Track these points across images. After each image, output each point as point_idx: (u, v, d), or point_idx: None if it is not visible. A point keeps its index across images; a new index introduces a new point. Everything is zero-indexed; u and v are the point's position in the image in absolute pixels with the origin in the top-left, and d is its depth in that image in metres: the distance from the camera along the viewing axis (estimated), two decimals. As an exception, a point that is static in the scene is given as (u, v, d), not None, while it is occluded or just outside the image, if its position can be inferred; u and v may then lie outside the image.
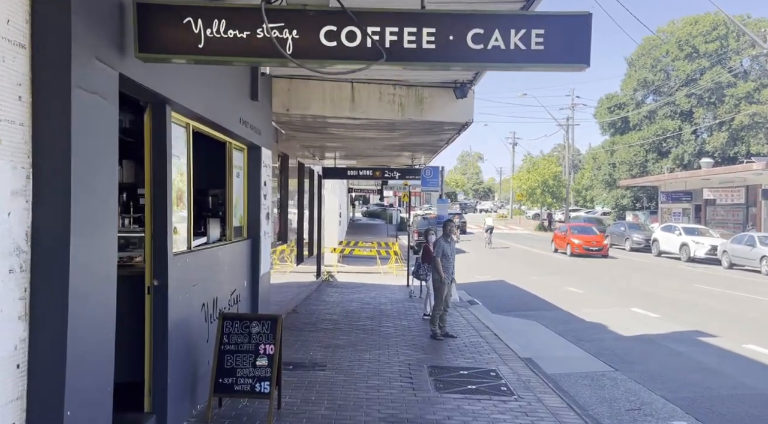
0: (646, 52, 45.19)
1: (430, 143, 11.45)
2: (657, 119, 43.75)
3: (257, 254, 7.43)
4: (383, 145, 12.48)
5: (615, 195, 47.25)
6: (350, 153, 14.45)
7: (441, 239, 9.24)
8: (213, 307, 5.69)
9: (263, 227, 7.63)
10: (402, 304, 12.89)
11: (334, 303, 12.70)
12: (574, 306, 13.50)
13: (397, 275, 20.20)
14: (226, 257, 6.36)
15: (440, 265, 9.08)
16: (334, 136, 10.42)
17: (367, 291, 15.08)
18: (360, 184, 46.25)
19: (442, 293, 9.14)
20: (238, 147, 7.03)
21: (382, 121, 8.70)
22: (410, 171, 15.10)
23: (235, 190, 6.84)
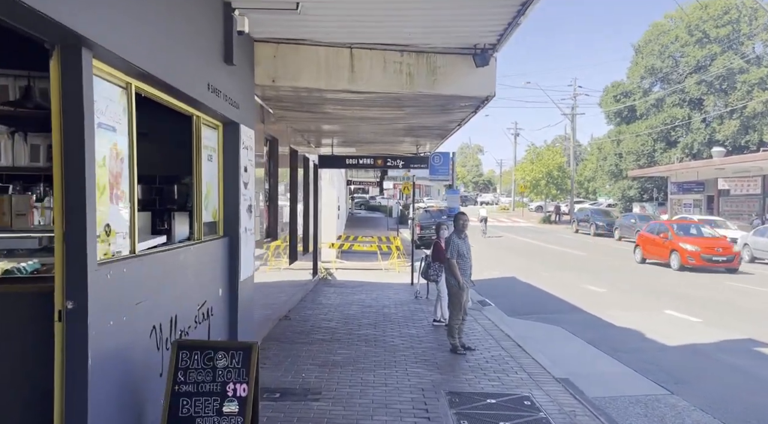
0: (653, 38, 43.73)
1: (439, 125, 10.07)
2: (665, 108, 42.36)
3: (236, 255, 6.07)
4: (386, 129, 11.10)
5: (621, 186, 45.93)
6: (349, 139, 13.07)
7: (453, 236, 7.87)
8: (171, 328, 4.34)
9: (244, 222, 6.26)
10: (407, 306, 11.55)
11: (332, 306, 11.35)
12: (598, 307, 12.16)
13: (400, 272, 18.97)
14: (193, 260, 5.00)
15: (457, 267, 7.71)
16: (330, 117, 9.03)
17: (368, 291, 13.74)
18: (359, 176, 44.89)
19: (460, 300, 7.78)
20: (210, 123, 5.65)
21: (386, 96, 7.32)
22: (415, 159, 13.73)
23: (205, 176, 5.47)
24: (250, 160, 6.55)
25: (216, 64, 5.33)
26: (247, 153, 6.44)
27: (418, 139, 12.63)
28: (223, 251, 5.89)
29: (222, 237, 5.93)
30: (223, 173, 6.00)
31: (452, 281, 7.81)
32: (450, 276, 7.84)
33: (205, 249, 5.36)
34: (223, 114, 5.60)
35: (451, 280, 7.84)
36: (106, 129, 3.48)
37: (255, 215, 7.67)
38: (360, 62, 6.88)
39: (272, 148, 9.43)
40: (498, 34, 6.39)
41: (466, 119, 9.15)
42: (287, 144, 10.50)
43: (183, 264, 4.75)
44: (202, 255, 5.29)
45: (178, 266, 4.66)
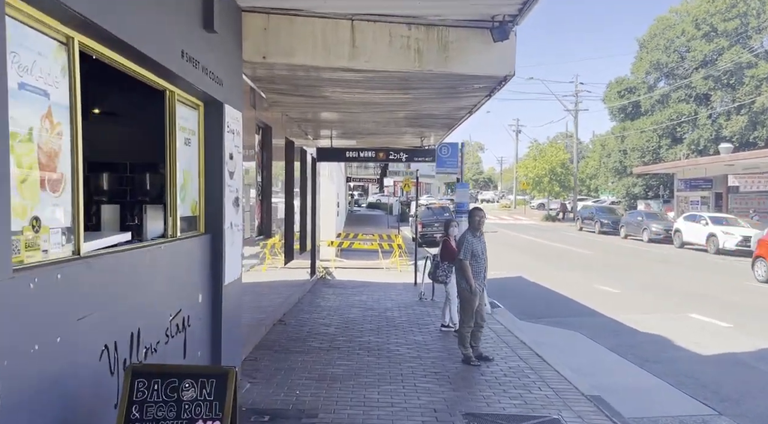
0: (659, 33, 42.85)
1: (447, 113, 9.24)
2: (671, 103, 41.50)
3: (219, 255, 5.25)
4: (388, 118, 10.28)
5: (626, 183, 45.07)
6: (349, 130, 12.24)
7: (468, 234, 7.04)
8: (132, 346, 3.53)
9: (229, 217, 5.45)
10: (412, 309, 10.74)
11: (331, 309, 10.54)
12: (615, 310, 11.36)
13: (402, 271, 18.20)
14: (165, 262, 4.19)
15: (469, 269, 6.89)
16: (328, 102, 8.20)
17: (369, 292, 12.94)
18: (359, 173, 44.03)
19: (472, 306, 6.97)
20: (188, 101, 4.84)
21: (391, 75, 6.50)
22: (419, 152, 12.90)
23: (182, 163, 4.66)
24: (236, 146, 5.73)
25: (192, 28, 4.50)
26: (234, 138, 5.62)
27: (423, 130, 11.81)
28: (204, 250, 5.08)
29: (203, 234, 5.12)
30: (204, 160, 5.18)
31: (463, 284, 7.00)
32: (461, 278, 7.02)
33: (180, 248, 4.55)
34: (203, 91, 4.78)
35: (462, 283, 7.03)
36: (33, 92, 2.66)
37: (245, 209, 6.86)
38: (362, 36, 6.05)
39: (265, 137, 8.62)
40: (519, 2, 5.56)
41: (479, 105, 8.32)
42: (282, 134, 9.68)
43: (151, 267, 3.94)
44: (177, 255, 4.48)
45: (144, 270, 3.85)
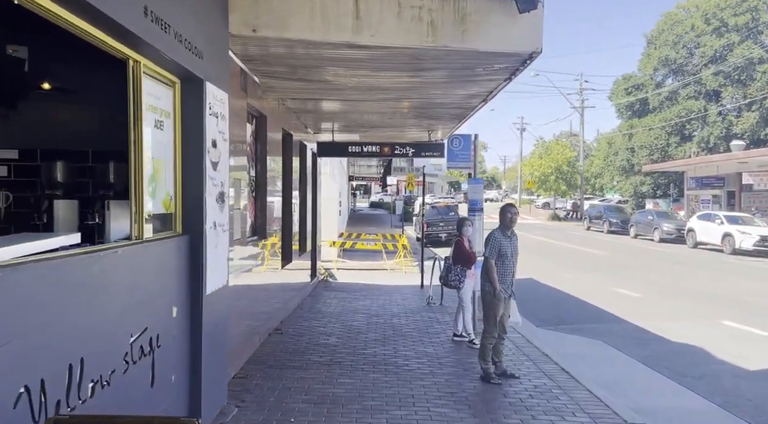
0: (667, 28, 41.96)
1: (460, 101, 8.40)
2: (680, 100, 40.63)
3: (200, 260, 4.44)
4: (394, 109, 9.45)
5: (633, 182, 44.21)
6: (351, 123, 11.42)
7: (497, 233, 6.20)
8: (69, 384, 2.71)
9: (212, 216, 4.63)
10: (420, 316, 9.92)
11: (333, 316, 9.73)
12: (639, 316, 10.53)
13: (406, 272, 17.44)
14: (125, 270, 3.38)
15: (494, 270, 6.06)
16: (329, 87, 7.37)
17: (373, 296, 12.13)
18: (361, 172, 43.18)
19: (495, 313, 6.14)
20: (158, 75, 4.02)
21: (401, 53, 5.67)
22: (427, 146, 12.08)
23: (150, 149, 3.85)
24: (222, 133, 4.92)
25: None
26: (218, 123, 4.81)
27: (431, 123, 10.97)
28: (181, 254, 4.26)
29: (179, 235, 4.31)
30: (181, 148, 4.37)
31: (487, 287, 6.16)
32: (485, 280, 6.19)
33: (148, 253, 3.74)
34: (177, 63, 3.97)
35: (485, 285, 6.19)
36: None
37: (235, 207, 6.05)
38: (367, 6, 5.23)
39: (259, 127, 7.81)
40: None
41: (496, 91, 7.49)
42: (279, 125, 8.87)
43: (103, 277, 3.13)
44: (143, 262, 3.67)
45: (94, 281, 3.04)
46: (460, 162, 8.80)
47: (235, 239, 6.13)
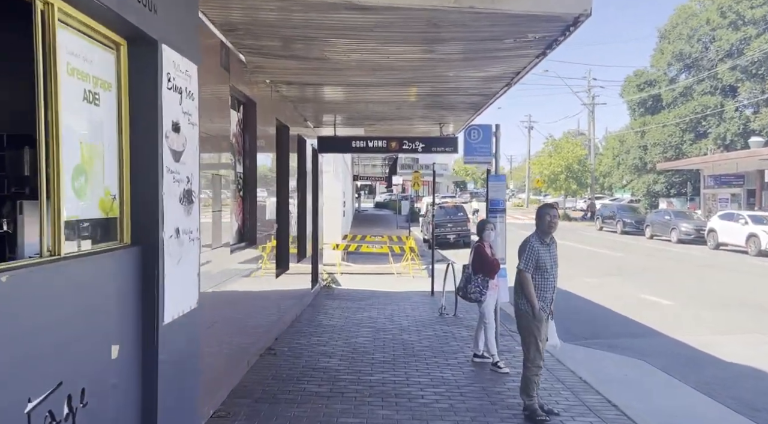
0: (681, 22, 40.67)
1: (480, 86, 7.28)
2: (694, 96, 39.34)
3: (153, 280, 3.35)
4: (402, 98, 8.37)
5: (646, 181, 42.90)
6: (355, 115, 10.32)
7: (533, 240, 5.09)
8: None
9: (173, 220, 3.55)
10: (432, 329, 8.83)
11: (335, 330, 8.64)
12: (678, 329, 9.41)
13: (414, 277, 16.42)
14: (25, 302, 2.30)
15: (532, 285, 4.96)
16: (329, 67, 6.24)
17: (380, 305, 11.05)
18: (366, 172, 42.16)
19: (536, 335, 4.99)
20: (90, 31, 2.95)
21: (416, 17, 4.58)
22: (439, 141, 10.97)
23: (74, 130, 2.77)
24: (188, 114, 3.83)
25: None
26: (182, 101, 3.72)
27: (443, 114, 9.88)
28: (125, 273, 3.18)
29: (124, 248, 3.23)
30: (129, 131, 3.29)
31: (522, 305, 5.05)
32: (520, 296, 5.07)
33: (68, 274, 2.66)
34: (116, 12, 2.89)
35: (520, 302, 5.08)
36: None
37: (216, 208, 4.98)
38: (375, -46, 4.15)
39: (248, 115, 6.73)
40: None
41: (524, 71, 6.37)
42: (272, 115, 7.79)
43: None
44: (60, 287, 2.59)
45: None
46: (478, 156, 7.69)
47: (215, 247, 5.06)
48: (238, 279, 6.04)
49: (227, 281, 5.57)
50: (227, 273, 5.54)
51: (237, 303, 6.09)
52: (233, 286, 5.82)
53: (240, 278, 6.11)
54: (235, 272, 5.91)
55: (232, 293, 5.81)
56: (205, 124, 4.70)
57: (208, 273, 4.84)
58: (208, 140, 4.87)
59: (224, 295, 5.50)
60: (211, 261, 4.97)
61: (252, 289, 6.70)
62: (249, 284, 6.53)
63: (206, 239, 4.81)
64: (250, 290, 6.60)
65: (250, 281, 6.60)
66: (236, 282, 5.95)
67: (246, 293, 6.43)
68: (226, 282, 5.53)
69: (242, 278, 6.22)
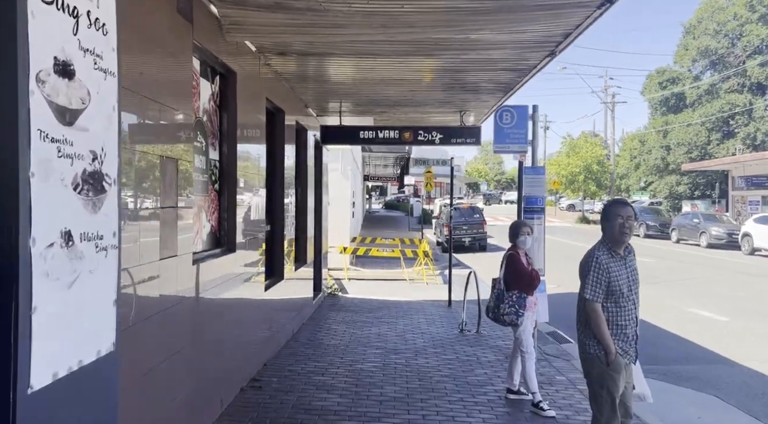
0: (707, 17, 38.96)
1: (514, 55, 5.85)
2: (721, 94, 37.64)
3: (5, 319, 1.98)
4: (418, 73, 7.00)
5: (669, 182, 41.17)
6: (363, 100, 8.94)
7: (600, 253, 3.67)
8: None
9: (55, 220, 2.19)
10: (453, 350, 7.44)
11: (337, 352, 7.27)
12: (744, 352, 7.94)
13: (428, 283, 15.08)
14: None
15: (603, 320, 3.54)
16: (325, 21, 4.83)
17: (391, 317, 9.68)
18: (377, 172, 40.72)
19: (612, 391, 3.50)
20: None
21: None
22: (459, 131, 9.56)
23: None
24: (91, 52, 2.45)
25: None
26: (76, 28, 2.35)
27: (466, 97, 8.47)
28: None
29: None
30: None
31: (592, 347, 3.60)
32: (588, 336, 3.64)
33: None
34: None
35: (589, 344, 3.63)
36: None
37: (168, 204, 3.63)
38: None
39: (227, 89, 5.38)
40: None
41: (577, 32, 4.96)
42: (261, 93, 6.44)
43: None
44: None
45: None
46: (511, 144, 6.29)
47: (165, 257, 3.71)
48: (213, 292, 4.69)
49: (194, 297, 4.22)
50: (188, 290, 4.18)
51: (211, 322, 4.74)
52: (205, 301, 4.47)
53: (216, 291, 4.76)
54: (208, 285, 4.57)
55: (203, 311, 4.47)
56: (145, 84, 3.35)
57: (150, 295, 3.49)
58: (153, 108, 3.52)
59: (192, 314, 4.15)
60: (159, 276, 3.61)
61: (233, 303, 5.35)
62: (230, 298, 5.18)
63: (148, 247, 3.46)
64: (231, 305, 5.25)
65: (233, 293, 5.25)
66: (210, 296, 4.60)
67: (226, 308, 5.08)
68: (192, 298, 4.18)
69: (219, 290, 4.87)
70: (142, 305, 3.38)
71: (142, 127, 3.43)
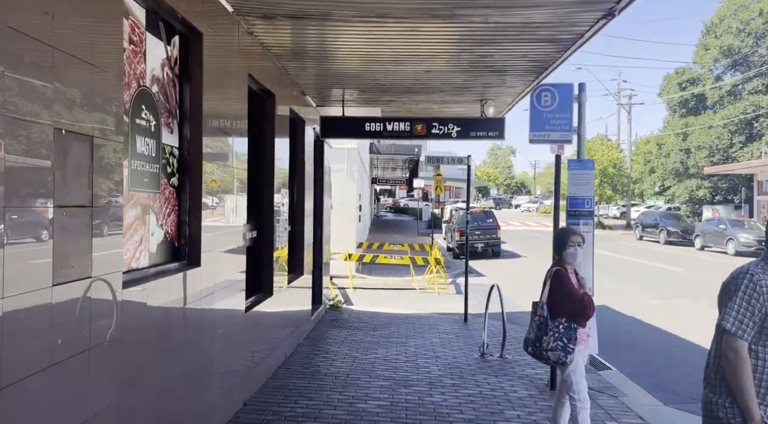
0: (730, 14, 37.48)
1: (561, 18, 4.61)
2: (745, 95, 36.13)
3: None
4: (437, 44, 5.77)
5: (688, 186, 39.64)
6: (371, 86, 7.70)
7: (757, 269, 2.41)
8: None
9: None
10: (475, 383, 6.16)
11: (336, 385, 6.00)
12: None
13: (440, 293, 13.88)
14: None
15: (748, 370, 2.24)
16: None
17: (400, 336, 8.42)
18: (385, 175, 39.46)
19: None
20: None
21: None
22: (480, 123, 8.28)
23: None
24: None
25: None
26: None
27: (491, 82, 7.19)
28: None
29: None
30: None
31: (723, 409, 2.32)
32: (719, 391, 2.35)
33: None
34: None
35: (718, 403, 2.33)
36: None
37: (92, 203, 2.39)
38: None
39: (190, 54, 4.15)
40: None
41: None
42: (242, 67, 5.20)
43: None
44: None
45: None
46: (552, 131, 5.02)
47: (61, 282, 2.47)
48: (162, 321, 3.46)
49: (130, 330, 2.99)
50: (115, 324, 2.95)
51: (159, 363, 3.52)
52: (148, 334, 3.24)
53: (168, 319, 3.53)
54: (154, 313, 3.35)
55: (144, 349, 3.24)
56: (31, 20, 2.12)
57: (29, 342, 2.26)
58: (43, 54, 2.29)
59: (125, 354, 2.93)
60: (52, 309, 2.38)
61: (195, 333, 4.11)
62: (192, 326, 3.95)
63: (27, 267, 2.23)
64: (192, 336, 4.01)
65: (195, 320, 4.02)
66: (157, 327, 3.37)
67: (184, 343, 3.84)
68: (123, 333, 2.95)
69: (173, 318, 3.64)
70: (16, 358, 2.15)
71: (21, 84, 2.21)
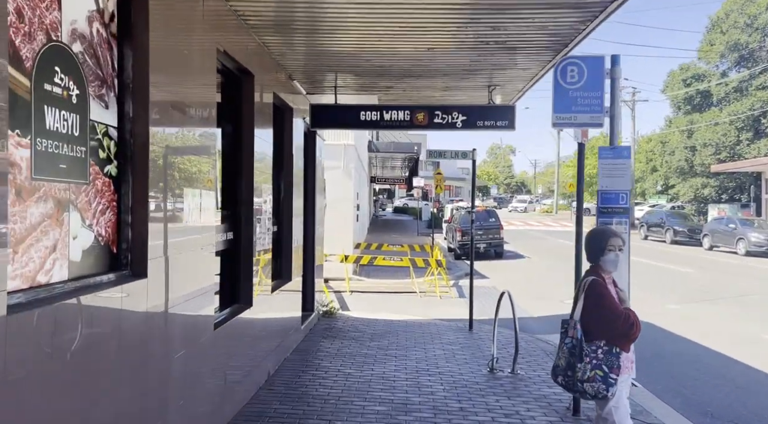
0: (737, 9, 36.61)
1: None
2: (752, 91, 35.27)
3: None
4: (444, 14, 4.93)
5: (693, 185, 38.79)
6: (368, 70, 6.85)
7: None
8: None
9: None
10: (486, 407, 5.31)
11: (324, 411, 5.13)
12: None
13: (442, 297, 13.08)
14: None
15: None
16: None
17: (400, 348, 7.58)
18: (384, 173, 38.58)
19: None
20: None
21: None
22: (487, 112, 7.45)
23: None
24: None
25: None
26: None
27: (502, 62, 6.35)
28: None
29: None
30: None
31: None
32: None
33: None
34: None
35: None
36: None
37: None
38: None
39: (133, 15, 3.30)
40: None
41: None
42: (209, 39, 4.35)
43: None
44: None
45: None
46: (579, 112, 4.18)
47: None
48: (84, 351, 2.62)
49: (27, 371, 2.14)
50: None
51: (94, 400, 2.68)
52: (60, 372, 2.40)
53: (91, 349, 2.70)
54: (66, 344, 2.51)
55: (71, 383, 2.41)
56: None
57: None
58: None
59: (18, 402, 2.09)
60: None
61: (137, 363, 3.27)
62: (135, 356, 3.10)
63: None
64: (135, 366, 3.17)
65: (139, 349, 3.18)
66: (77, 359, 2.53)
67: (121, 381, 3.00)
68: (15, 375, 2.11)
69: (100, 346, 2.81)
70: None
71: None
